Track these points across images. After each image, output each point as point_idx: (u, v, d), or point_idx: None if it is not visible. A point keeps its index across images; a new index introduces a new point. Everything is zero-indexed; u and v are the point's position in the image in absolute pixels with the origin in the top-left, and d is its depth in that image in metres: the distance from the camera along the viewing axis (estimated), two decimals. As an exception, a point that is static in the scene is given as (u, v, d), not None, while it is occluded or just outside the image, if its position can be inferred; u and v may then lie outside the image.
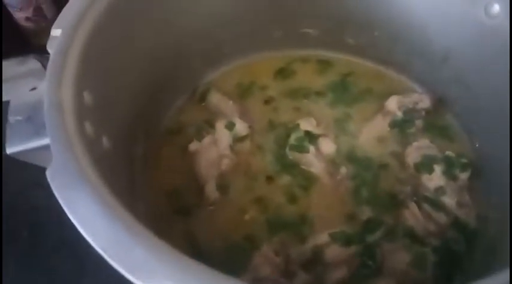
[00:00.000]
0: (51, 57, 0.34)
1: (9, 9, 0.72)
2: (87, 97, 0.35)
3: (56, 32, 0.35)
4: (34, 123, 0.32)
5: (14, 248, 0.60)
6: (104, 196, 0.27)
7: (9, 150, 0.31)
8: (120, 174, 0.43)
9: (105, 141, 0.37)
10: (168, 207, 0.51)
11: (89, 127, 0.33)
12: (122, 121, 0.43)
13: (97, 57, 0.38)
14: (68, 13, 0.37)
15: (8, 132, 0.32)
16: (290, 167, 0.53)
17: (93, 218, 0.26)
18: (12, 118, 0.32)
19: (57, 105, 0.31)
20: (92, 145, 0.32)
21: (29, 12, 0.73)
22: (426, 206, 0.48)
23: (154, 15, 0.49)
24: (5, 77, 0.66)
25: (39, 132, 0.31)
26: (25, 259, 0.60)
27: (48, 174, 0.28)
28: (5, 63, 0.70)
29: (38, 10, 0.73)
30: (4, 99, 0.43)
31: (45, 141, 0.31)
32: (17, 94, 0.33)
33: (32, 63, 0.72)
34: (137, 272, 0.24)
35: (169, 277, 0.24)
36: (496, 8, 0.45)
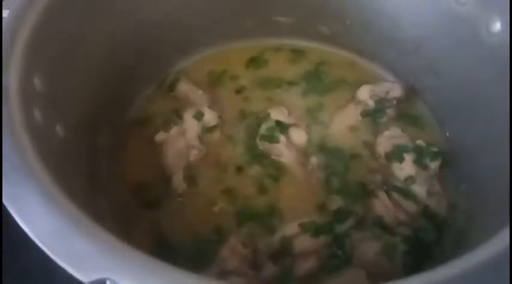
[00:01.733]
0: (-2, 39, 0.32)
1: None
2: (37, 82, 0.33)
3: (3, 12, 0.33)
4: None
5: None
6: (46, 186, 0.26)
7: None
8: (79, 166, 0.42)
9: (59, 130, 0.36)
10: (135, 200, 0.50)
11: (38, 114, 0.31)
12: (81, 110, 0.41)
13: (50, 41, 0.36)
14: (18, -7, 0.35)
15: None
16: (260, 157, 0.52)
17: (32, 208, 0.24)
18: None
19: (2, 89, 0.29)
20: (41, 133, 0.30)
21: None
22: (396, 195, 0.48)
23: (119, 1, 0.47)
24: None
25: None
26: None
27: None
28: None
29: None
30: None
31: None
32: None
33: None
34: (78, 265, 0.22)
35: (111, 269, 0.22)
36: (465, -5, 0.45)
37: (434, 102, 0.55)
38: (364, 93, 0.55)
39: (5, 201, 0.24)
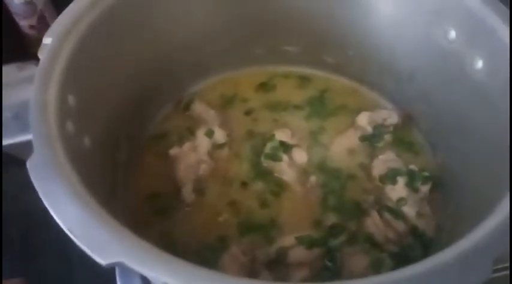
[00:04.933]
0: (41, 62, 0.38)
1: (15, 17, 0.77)
2: (71, 100, 0.38)
3: (47, 40, 0.39)
4: (21, 120, 0.36)
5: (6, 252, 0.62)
6: (75, 185, 0.31)
7: (-5, 143, 0.35)
8: (101, 175, 0.46)
9: (86, 141, 0.41)
10: (147, 209, 0.54)
11: (70, 126, 0.37)
12: (105, 125, 0.47)
13: (83, 65, 0.42)
14: (59, 23, 0.42)
15: (-4, 127, 0.36)
16: (264, 174, 0.56)
17: (64, 203, 0.30)
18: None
19: (41, 103, 0.35)
20: (71, 142, 0.36)
21: (33, 21, 0.77)
22: (387, 215, 0.52)
23: (144, 29, 0.53)
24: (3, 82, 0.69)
25: (24, 128, 0.35)
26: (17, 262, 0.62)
27: (28, 164, 0.31)
28: (4, 68, 0.73)
29: (41, 18, 0.78)
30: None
31: (29, 136, 0.35)
32: (7, 93, 0.37)
33: (31, 70, 0.75)
34: (97, 250, 0.27)
35: (124, 254, 0.27)
36: (452, 33, 0.49)
37: (428, 129, 0.59)
38: (363, 119, 0.59)
39: (42, 197, 0.29)
